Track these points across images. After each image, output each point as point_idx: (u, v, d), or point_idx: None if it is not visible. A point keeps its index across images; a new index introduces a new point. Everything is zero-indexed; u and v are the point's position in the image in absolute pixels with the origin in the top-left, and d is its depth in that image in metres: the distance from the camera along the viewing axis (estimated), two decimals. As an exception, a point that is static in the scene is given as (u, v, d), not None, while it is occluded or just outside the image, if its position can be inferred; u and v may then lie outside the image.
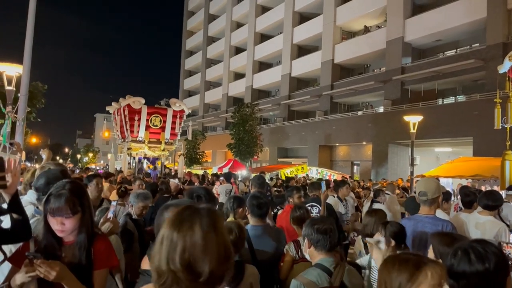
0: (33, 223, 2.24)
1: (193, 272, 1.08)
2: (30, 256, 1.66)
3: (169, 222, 1.15)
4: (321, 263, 2.42)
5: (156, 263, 1.12)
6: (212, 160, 41.69)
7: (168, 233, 1.12)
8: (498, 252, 1.72)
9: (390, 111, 24.98)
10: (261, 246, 3.06)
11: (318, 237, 2.45)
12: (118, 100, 17.07)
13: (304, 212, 3.86)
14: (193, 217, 1.13)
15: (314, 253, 2.49)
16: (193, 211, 1.16)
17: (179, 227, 1.12)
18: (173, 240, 1.10)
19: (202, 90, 51.95)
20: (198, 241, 1.09)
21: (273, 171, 22.00)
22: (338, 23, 31.43)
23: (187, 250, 1.08)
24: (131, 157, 17.81)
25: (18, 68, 8.03)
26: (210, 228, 1.13)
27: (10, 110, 6.94)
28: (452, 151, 23.85)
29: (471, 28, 22.74)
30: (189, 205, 1.20)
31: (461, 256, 1.72)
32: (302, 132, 31.64)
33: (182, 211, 1.16)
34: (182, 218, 1.14)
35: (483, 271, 1.64)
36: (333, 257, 2.48)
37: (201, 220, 1.13)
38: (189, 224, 1.12)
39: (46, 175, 2.38)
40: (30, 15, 8.28)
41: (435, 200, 3.27)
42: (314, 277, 2.35)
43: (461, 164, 14.22)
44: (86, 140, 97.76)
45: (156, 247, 1.14)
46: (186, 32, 58.35)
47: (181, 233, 1.10)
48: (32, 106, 17.77)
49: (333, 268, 2.39)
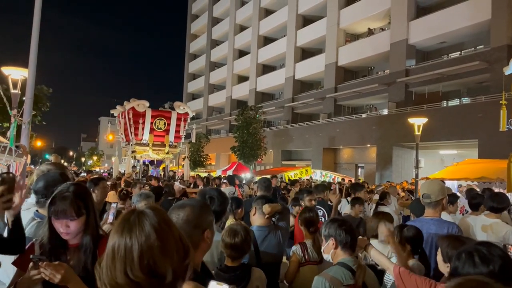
0: (32, 226, 2.23)
1: (157, 276, 1.02)
2: (35, 259, 1.65)
3: (118, 230, 1.06)
4: (344, 262, 2.44)
5: (110, 279, 1.03)
6: (216, 163, 41.71)
7: (119, 242, 1.04)
8: (503, 255, 1.72)
9: (395, 113, 24.92)
10: (266, 247, 3.07)
11: (346, 238, 2.47)
12: (123, 103, 17.12)
13: (314, 215, 3.90)
14: (141, 220, 1.06)
15: (340, 253, 2.50)
16: (138, 214, 1.08)
17: (130, 233, 1.04)
18: (127, 248, 1.02)
19: (206, 93, 52.05)
20: (154, 242, 1.03)
21: (277, 174, 21.98)
22: (341, 25, 31.43)
23: (145, 254, 1.02)
24: (135, 160, 17.85)
25: (23, 72, 8.08)
26: (162, 226, 1.07)
27: (16, 113, 6.96)
28: (457, 153, 23.75)
29: (475, 30, 22.67)
30: (132, 210, 1.12)
31: (465, 259, 1.73)
32: (306, 135, 31.61)
33: (126, 216, 1.09)
34: (130, 223, 1.06)
35: (487, 273, 1.64)
36: (354, 257, 2.52)
37: (151, 220, 1.06)
38: (140, 227, 1.04)
39: (45, 178, 2.36)
40: (35, 19, 8.32)
41: (439, 202, 3.25)
42: (339, 274, 2.37)
43: (466, 166, 14.13)
44: (91, 143, 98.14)
45: (106, 261, 1.05)
46: (190, 35, 58.54)
47: (134, 238, 1.03)
48: (37, 109, 17.87)
49: (356, 268, 2.42)
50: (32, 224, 2.25)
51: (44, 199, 2.01)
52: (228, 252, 2.53)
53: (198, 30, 56.54)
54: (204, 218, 1.67)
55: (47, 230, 1.87)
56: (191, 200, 1.85)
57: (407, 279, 2.29)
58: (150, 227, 1.05)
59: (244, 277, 2.47)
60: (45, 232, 1.88)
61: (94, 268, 1.83)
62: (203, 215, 1.67)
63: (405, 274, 2.32)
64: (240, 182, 12.20)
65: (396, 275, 2.36)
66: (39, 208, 2.36)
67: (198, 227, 1.62)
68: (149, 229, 1.05)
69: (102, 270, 1.06)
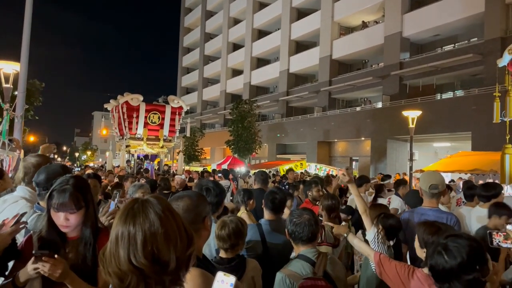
0: (33, 218, 2.22)
1: (161, 263, 1.03)
2: (38, 254, 1.64)
3: (121, 218, 1.08)
4: (303, 254, 2.46)
5: (114, 266, 1.04)
6: (210, 157, 41.68)
7: (122, 229, 1.05)
8: (471, 243, 1.79)
9: (389, 106, 24.99)
10: (274, 240, 3.08)
11: (294, 229, 2.51)
12: (116, 97, 17.02)
13: (336, 202, 4.07)
14: (145, 207, 1.08)
15: (295, 245, 2.55)
16: (142, 202, 1.10)
17: (134, 220, 1.05)
18: (130, 235, 1.04)
19: (200, 87, 51.88)
20: (157, 229, 1.04)
21: (272, 167, 22.02)
22: (336, 18, 31.37)
23: (148, 241, 1.03)
24: (130, 154, 17.77)
25: (15, 66, 8.01)
26: (166, 214, 1.08)
27: (8, 108, 6.91)
28: (450, 146, 23.91)
29: (469, 23, 22.72)
30: (135, 198, 1.13)
31: (436, 257, 1.82)
32: (300, 129, 31.64)
33: (130, 205, 1.10)
34: (134, 211, 1.07)
35: (457, 265, 1.73)
36: (314, 247, 2.53)
37: (155, 208, 1.08)
38: (144, 215, 1.06)
39: (46, 170, 2.35)
40: (27, 13, 8.24)
41: (442, 193, 3.28)
42: (298, 268, 2.39)
43: (460, 158, 14.24)
44: (84, 138, 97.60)
45: (110, 249, 1.06)
46: (184, 29, 58.17)
47: (138, 225, 1.04)
48: (29, 104, 17.70)
49: (316, 258, 2.43)
50: (33, 217, 2.24)
51: (45, 191, 2.00)
52: (220, 244, 2.55)
53: (192, 24, 56.20)
54: (203, 206, 1.74)
55: (45, 222, 1.86)
56: (188, 192, 1.90)
57: (387, 265, 2.33)
58: (154, 214, 1.06)
59: (239, 268, 2.47)
60: (44, 225, 1.87)
61: (92, 261, 1.84)
62: (202, 204, 1.75)
63: (385, 261, 2.36)
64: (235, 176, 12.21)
65: (376, 261, 2.39)
66: (40, 201, 2.35)
67: (198, 215, 1.69)
68: (153, 217, 1.06)
69: (105, 258, 1.07)
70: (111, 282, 1.06)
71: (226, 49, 46.38)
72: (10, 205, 2.57)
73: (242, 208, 3.99)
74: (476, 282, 1.73)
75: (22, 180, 2.73)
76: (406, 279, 2.17)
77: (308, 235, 2.49)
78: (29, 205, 2.54)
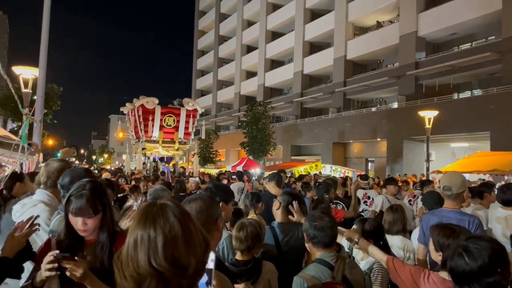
0: (56, 220, 2.30)
1: (180, 266, 1.04)
2: (59, 257, 1.68)
3: (140, 222, 1.07)
4: (322, 258, 2.42)
5: (132, 270, 1.04)
6: (225, 159, 41.79)
7: (142, 233, 1.05)
8: (493, 245, 1.76)
9: (405, 106, 24.70)
10: (288, 242, 3.06)
11: (315, 233, 2.47)
12: (132, 101, 17.22)
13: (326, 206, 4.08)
14: (164, 211, 1.08)
15: (313, 249, 2.51)
16: (161, 205, 1.10)
17: (154, 223, 1.05)
18: (151, 238, 1.03)
19: (215, 89, 52.11)
20: (178, 233, 1.05)
21: (287, 169, 21.95)
22: (350, 19, 31.17)
23: (169, 245, 1.03)
24: (145, 157, 17.96)
25: (34, 71, 8.19)
26: (185, 218, 1.09)
27: (28, 112, 7.05)
28: (468, 146, 23.49)
29: (486, 21, 22.33)
30: (153, 202, 1.14)
31: (456, 259, 1.79)
32: (315, 130, 31.51)
33: (149, 208, 1.10)
34: (153, 214, 1.08)
35: (479, 267, 1.71)
36: (333, 251, 2.49)
37: (174, 212, 1.08)
38: (164, 218, 1.06)
39: (71, 173, 2.44)
40: (45, 19, 8.40)
41: (459, 195, 3.22)
42: (316, 272, 2.35)
43: (478, 159, 13.97)
44: (101, 141, 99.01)
45: (128, 252, 1.06)
46: (198, 32, 58.54)
47: (159, 229, 1.04)
48: (48, 108, 18.03)
49: (334, 263, 2.40)
50: (57, 218, 2.32)
51: None
52: (238, 246, 2.54)
53: (206, 27, 56.53)
54: (215, 208, 1.82)
55: (64, 226, 1.90)
56: (199, 194, 1.98)
57: (401, 270, 2.30)
58: (174, 218, 1.07)
59: (255, 271, 2.46)
60: (62, 228, 1.91)
61: (110, 264, 1.87)
62: (213, 206, 1.83)
63: (399, 265, 2.33)
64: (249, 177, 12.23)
65: (390, 266, 2.36)
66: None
67: (210, 216, 1.76)
68: (173, 220, 1.07)
69: (121, 262, 1.07)
70: (127, 286, 1.06)
71: (240, 51, 46.49)
72: (29, 208, 2.63)
73: (251, 212, 3.97)
74: (497, 285, 1.70)
75: (44, 184, 2.78)
76: (422, 283, 2.14)
77: (330, 239, 2.47)
78: (48, 209, 2.60)
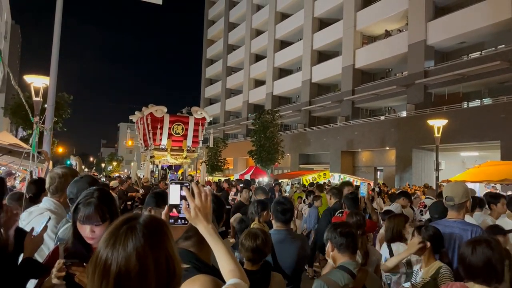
0: (66, 228, 2.31)
1: None
2: (67, 263, 1.70)
3: (105, 240, 0.99)
4: (344, 265, 2.42)
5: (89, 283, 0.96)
6: (233, 167, 41.81)
7: (102, 253, 0.98)
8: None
9: (414, 115, 24.57)
10: (283, 251, 3.05)
11: (341, 240, 2.46)
12: (141, 109, 17.35)
13: (361, 219, 3.95)
14: (129, 235, 0.99)
15: (338, 256, 2.50)
16: (130, 226, 1.00)
17: (113, 248, 0.97)
18: (106, 264, 0.96)
19: (223, 98, 52.33)
20: (132, 266, 0.95)
21: (295, 177, 21.89)
22: (358, 27, 31.22)
23: (122, 277, 0.95)
24: (154, 165, 18.04)
25: (45, 80, 8.29)
26: (152, 243, 0.99)
27: (38, 120, 7.14)
28: (478, 155, 23.24)
29: (496, 30, 22.21)
30: (128, 218, 1.04)
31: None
32: (323, 138, 31.44)
33: (118, 225, 1.02)
34: (116, 237, 0.99)
35: None
36: (355, 260, 2.49)
37: (135, 241, 0.97)
38: (124, 246, 0.97)
39: (77, 182, 2.48)
40: (56, 28, 8.53)
41: (462, 205, 3.19)
42: (337, 277, 2.35)
43: (488, 168, 13.79)
44: (110, 149, 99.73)
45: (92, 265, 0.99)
46: (207, 41, 59.02)
47: (115, 254, 0.96)
48: (58, 116, 18.23)
49: (356, 272, 2.39)
50: (66, 226, 2.33)
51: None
52: (248, 256, 2.52)
53: (215, 36, 56.98)
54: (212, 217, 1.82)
55: (71, 234, 1.92)
56: None
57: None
58: (132, 248, 0.97)
59: (263, 282, 2.45)
60: (70, 236, 1.93)
61: None
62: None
63: None
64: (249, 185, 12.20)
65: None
66: None
67: None
68: (131, 251, 0.97)
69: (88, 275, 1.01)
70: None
71: (249, 60, 46.71)
72: (36, 216, 2.65)
73: (256, 220, 3.96)
74: None
75: (48, 190, 2.80)
76: None
77: (355, 245, 2.50)
78: (54, 217, 2.61)
